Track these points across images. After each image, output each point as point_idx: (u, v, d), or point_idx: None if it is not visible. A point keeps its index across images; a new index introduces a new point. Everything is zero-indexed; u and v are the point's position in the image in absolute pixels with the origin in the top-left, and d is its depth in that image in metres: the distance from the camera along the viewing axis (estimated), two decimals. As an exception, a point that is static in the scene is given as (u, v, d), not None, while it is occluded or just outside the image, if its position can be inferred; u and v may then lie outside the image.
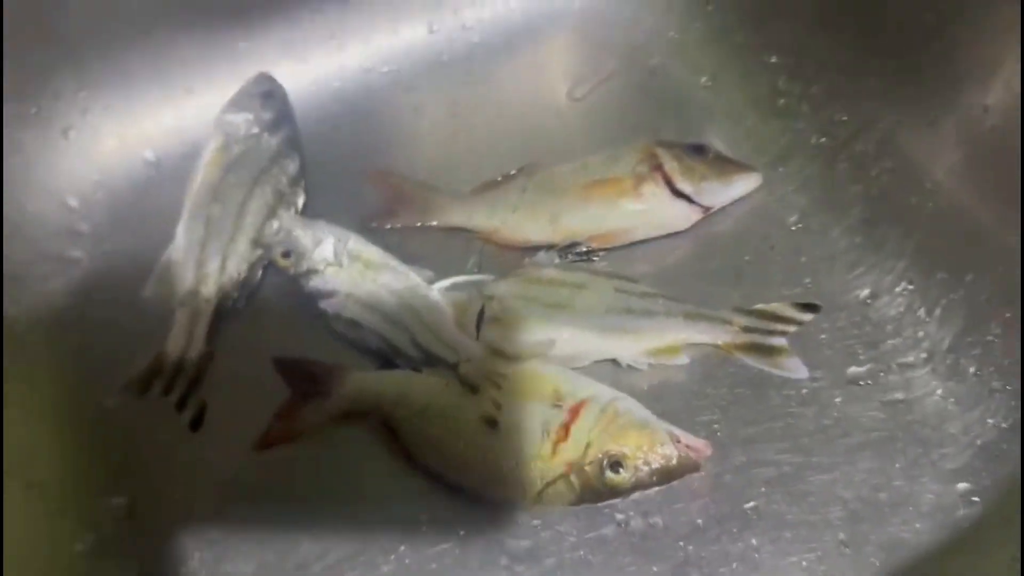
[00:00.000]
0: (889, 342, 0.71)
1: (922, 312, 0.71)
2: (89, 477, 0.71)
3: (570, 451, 0.65)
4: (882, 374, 0.70)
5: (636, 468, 0.63)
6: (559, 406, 0.66)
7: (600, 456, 0.64)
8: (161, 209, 0.84)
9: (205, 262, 0.78)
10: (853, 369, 0.70)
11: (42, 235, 0.82)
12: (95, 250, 0.83)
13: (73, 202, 0.84)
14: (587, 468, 0.64)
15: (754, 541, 0.64)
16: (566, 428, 0.65)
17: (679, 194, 0.77)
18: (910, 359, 0.70)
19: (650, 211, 0.78)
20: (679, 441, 0.64)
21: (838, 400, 0.69)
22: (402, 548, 0.66)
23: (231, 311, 0.78)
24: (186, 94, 0.88)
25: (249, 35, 0.88)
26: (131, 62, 0.86)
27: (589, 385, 0.68)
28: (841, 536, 0.64)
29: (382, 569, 0.66)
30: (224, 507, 0.70)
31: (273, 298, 0.80)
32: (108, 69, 0.85)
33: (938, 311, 0.70)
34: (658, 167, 0.78)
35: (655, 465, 0.64)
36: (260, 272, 0.80)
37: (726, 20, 0.88)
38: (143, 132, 0.87)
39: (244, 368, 0.76)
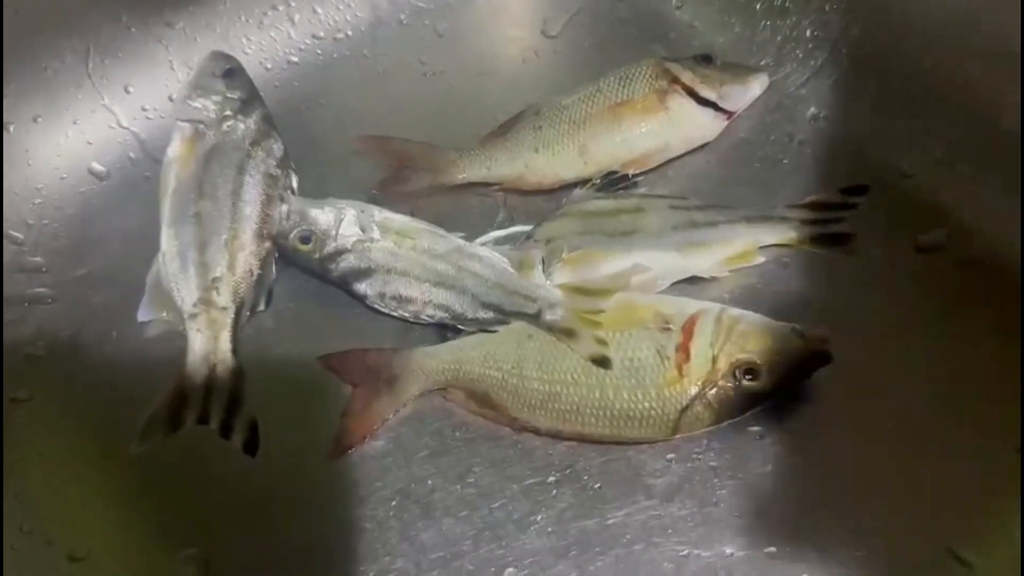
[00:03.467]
0: (946, 203, 0.71)
1: (966, 168, 0.72)
2: (143, 537, 0.59)
3: (698, 370, 0.60)
4: (950, 237, 0.70)
5: (771, 369, 0.60)
6: (668, 328, 0.62)
7: (731, 367, 0.60)
8: (124, 222, 0.73)
9: (210, 266, 0.67)
10: (921, 237, 0.70)
11: (-13, 277, 0.68)
12: (61, 282, 0.70)
13: (17, 233, 0.70)
14: (721, 383, 0.60)
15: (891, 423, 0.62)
16: (685, 348, 0.61)
17: (704, 102, 0.74)
18: (970, 216, 0.71)
19: (680, 125, 0.74)
20: (803, 335, 0.61)
21: (915, 270, 0.69)
22: (539, 518, 0.60)
23: (252, 316, 0.68)
24: (124, 91, 0.76)
25: (184, 14, 0.77)
26: (56, 64, 0.73)
27: (690, 302, 0.64)
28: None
29: (525, 544, 0.58)
30: (310, 523, 0.60)
31: (295, 292, 0.70)
32: (29, 74, 0.72)
33: (982, 164, 0.71)
34: (675, 80, 0.75)
35: (790, 361, 0.60)
36: (274, 267, 0.70)
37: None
38: (83, 141, 0.75)
39: (283, 376, 0.67)
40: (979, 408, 0.62)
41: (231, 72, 0.74)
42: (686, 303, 0.64)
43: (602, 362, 0.61)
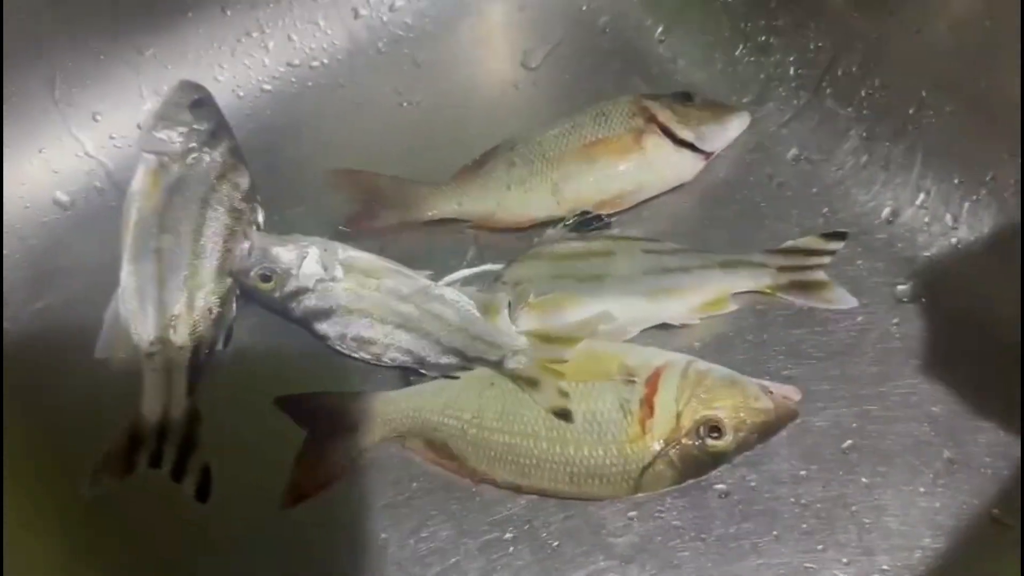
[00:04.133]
0: (925, 254, 0.70)
1: (948, 219, 0.70)
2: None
3: (661, 426, 0.58)
4: (929, 286, 0.68)
5: (736, 428, 0.58)
6: (632, 380, 0.60)
7: (695, 424, 0.58)
8: (87, 254, 0.71)
9: (168, 303, 0.65)
10: (900, 287, 0.68)
11: (-58, 308, 0.67)
12: (18, 315, 0.68)
13: (-25, 264, 0.69)
14: (685, 440, 0.58)
15: (864, 480, 0.60)
16: (649, 402, 0.59)
17: (682, 143, 0.72)
18: (950, 265, 0.69)
19: (656, 166, 0.72)
20: (771, 392, 0.60)
21: (895, 321, 0.67)
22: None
23: (210, 356, 0.66)
24: (92, 119, 0.75)
25: (155, 41, 0.76)
26: (19, 88, 0.71)
27: (656, 353, 0.62)
28: (947, 454, 0.61)
29: (479, 606, 0.57)
30: (262, 572, 0.59)
31: (255, 332, 0.69)
32: (-9, 100, 0.70)
33: (964, 214, 0.69)
34: (652, 119, 0.73)
35: (756, 421, 0.58)
36: (235, 304, 0.68)
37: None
38: (48, 170, 0.73)
39: (241, 419, 0.65)
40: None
41: (199, 102, 0.72)
42: (652, 354, 0.62)
43: (564, 415, 0.59)
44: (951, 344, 0.66)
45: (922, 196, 0.71)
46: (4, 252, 0.71)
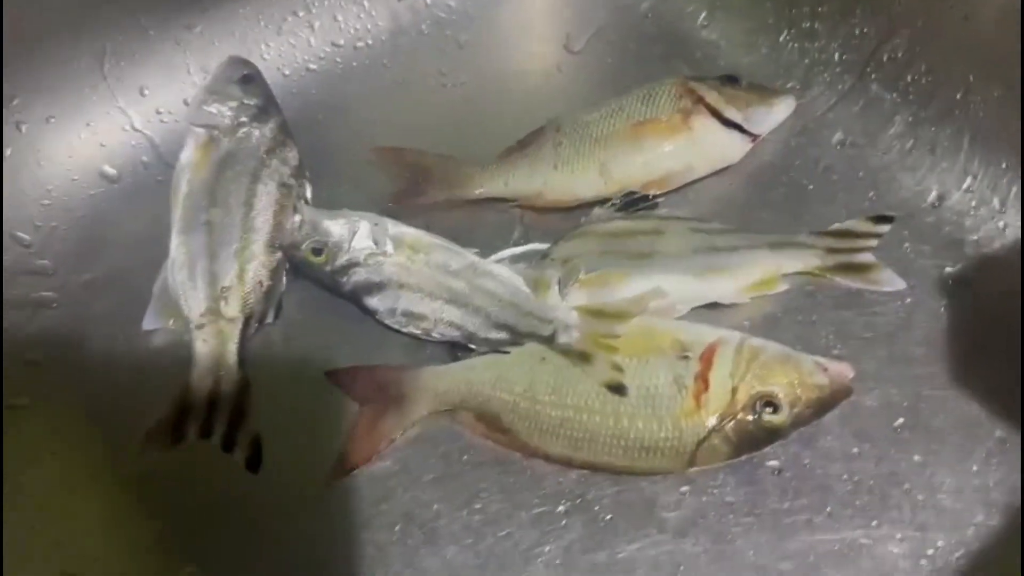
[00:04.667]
0: (972, 237, 0.70)
1: (996, 202, 0.70)
2: (140, 554, 0.58)
3: (716, 401, 0.58)
4: (976, 269, 0.68)
5: (792, 404, 0.58)
6: (686, 356, 0.60)
7: (751, 399, 0.58)
8: (133, 226, 0.72)
9: (219, 275, 0.66)
10: (948, 270, 0.68)
11: (-9, 278, 0.67)
12: (67, 286, 0.69)
13: (24, 235, 0.69)
14: (741, 415, 0.58)
15: (916, 458, 0.60)
16: (704, 377, 0.59)
17: (729, 124, 0.72)
18: (997, 248, 0.69)
19: (704, 146, 0.73)
20: (825, 368, 0.59)
21: (943, 303, 0.67)
22: (547, 549, 0.58)
23: (260, 328, 0.67)
24: (139, 94, 0.75)
25: (203, 18, 0.77)
26: (70, 62, 0.72)
27: (709, 329, 0.62)
28: (998, 433, 0.61)
29: (533, 577, 0.57)
30: (312, 543, 0.59)
31: (303, 306, 0.69)
32: (44, 73, 0.71)
33: (1011, 198, 0.70)
34: (700, 100, 0.73)
35: (811, 396, 0.58)
36: (284, 278, 0.68)
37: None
38: (95, 143, 0.74)
39: (290, 391, 0.65)
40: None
41: (248, 78, 0.73)
42: (705, 331, 0.62)
43: (617, 389, 0.59)
44: (998, 325, 0.66)
45: (969, 180, 0.71)
46: (51, 224, 0.71)
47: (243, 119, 0.71)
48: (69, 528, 0.58)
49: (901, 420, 0.62)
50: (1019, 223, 0.69)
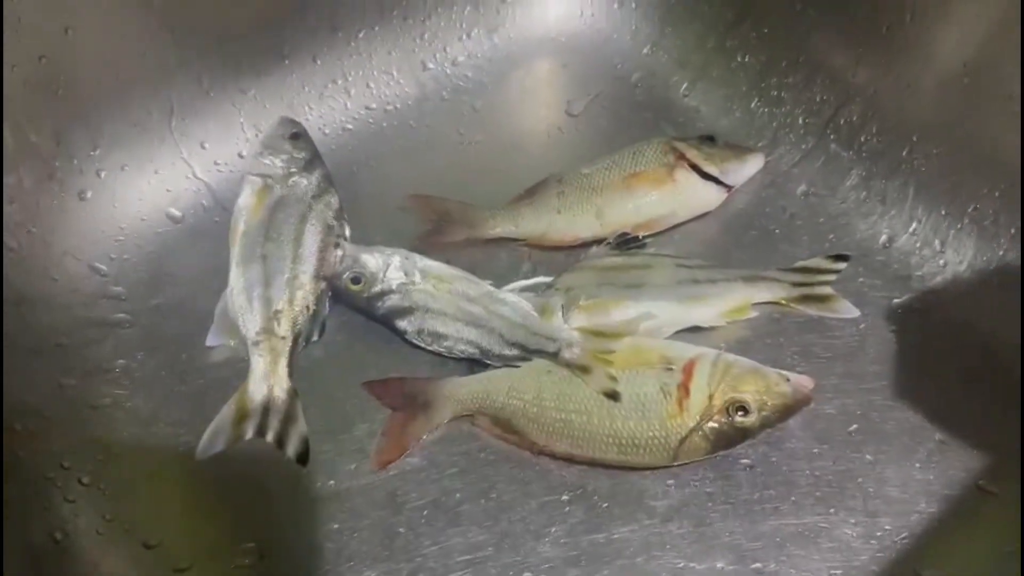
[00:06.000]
0: (917, 273, 0.81)
1: (937, 243, 0.82)
2: (208, 530, 0.69)
3: (696, 406, 0.69)
4: (921, 300, 0.80)
5: (760, 408, 0.68)
6: (671, 369, 0.71)
7: (725, 404, 0.68)
8: (195, 260, 0.83)
9: (272, 300, 0.76)
10: (896, 301, 0.80)
11: (76, 302, 0.78)
12: (138, 309, 0.80)
13: (102, 266, 0.80)
14: (716, 418, 0.68)
15: (868, 457, 0.70)
16: (685, 386, 0.69)
17: (708, 177, 0.84)
18: (938, 283, 0.81)
19: (686, 195, 0.84)
20: (788, 379, 0.70)
21: (893, 328, 0.78)
22: (553, 530, 0.68)
23: (307, 345, 0.77)
24: (200, 147, 0.87)
25: (256, 84, 0.89)
26: (142, 118, 0.84)
27: (690, 347, 0.73)
28: (938, 436, 0.71)
29: (541, 552, 0.66)
30: (352, 526, 0.68)
31: (343, 328, 0.80)
32: (120, 127, 0.83)
33: (950, 240, 0.81)
34: (682, 156, 0.85)
35: (776, 403, 0.69)
36: (327, 303, 0.79)
37: (692, 34, 0.98)
38: (162, 188, 0.85)
39: (333, 398, 0.75)
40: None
41: (297, 135, 0.85)
42: (687, 348, 0.73)
43: (612, 396, 0.70)
44: (940, 346, 0.77)
45: (914, 225, 0.83)
46: (124, 257, 0.82)
47: (293, 170, 0.82)
48: (147, 509, 0.68)
49: (855, 426, 0.72)
50: (956, 261, 0.81)
